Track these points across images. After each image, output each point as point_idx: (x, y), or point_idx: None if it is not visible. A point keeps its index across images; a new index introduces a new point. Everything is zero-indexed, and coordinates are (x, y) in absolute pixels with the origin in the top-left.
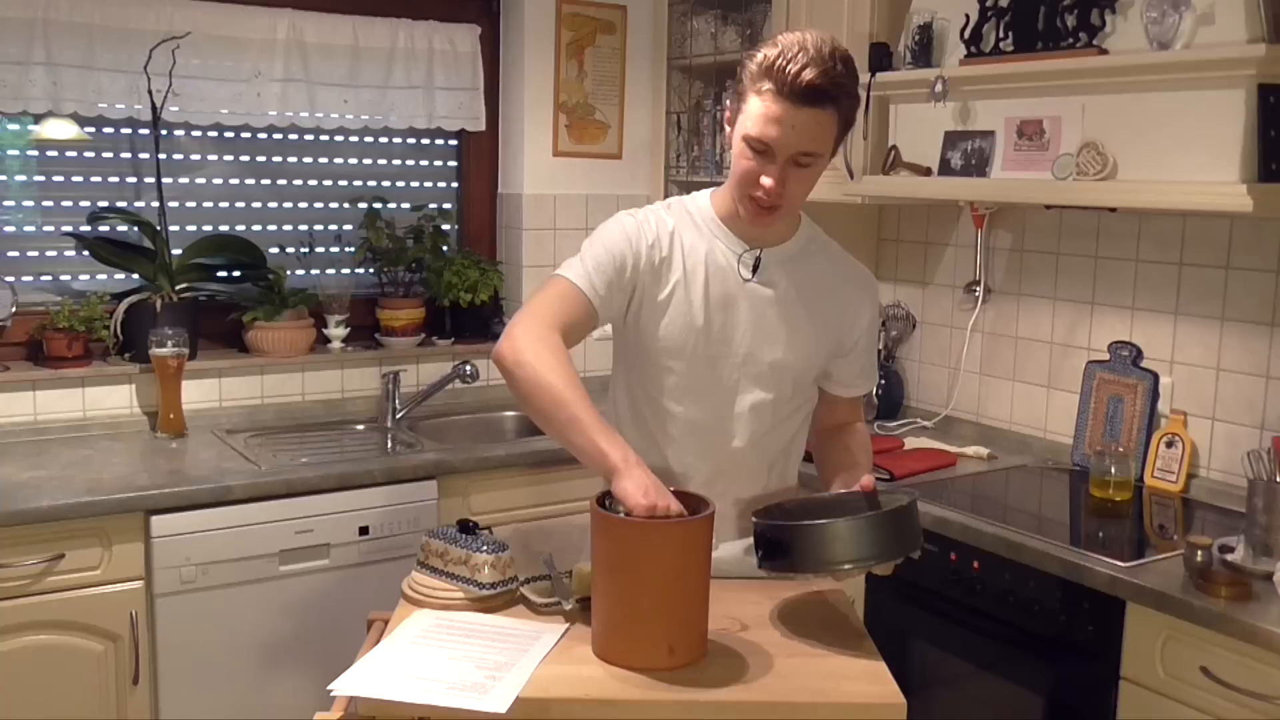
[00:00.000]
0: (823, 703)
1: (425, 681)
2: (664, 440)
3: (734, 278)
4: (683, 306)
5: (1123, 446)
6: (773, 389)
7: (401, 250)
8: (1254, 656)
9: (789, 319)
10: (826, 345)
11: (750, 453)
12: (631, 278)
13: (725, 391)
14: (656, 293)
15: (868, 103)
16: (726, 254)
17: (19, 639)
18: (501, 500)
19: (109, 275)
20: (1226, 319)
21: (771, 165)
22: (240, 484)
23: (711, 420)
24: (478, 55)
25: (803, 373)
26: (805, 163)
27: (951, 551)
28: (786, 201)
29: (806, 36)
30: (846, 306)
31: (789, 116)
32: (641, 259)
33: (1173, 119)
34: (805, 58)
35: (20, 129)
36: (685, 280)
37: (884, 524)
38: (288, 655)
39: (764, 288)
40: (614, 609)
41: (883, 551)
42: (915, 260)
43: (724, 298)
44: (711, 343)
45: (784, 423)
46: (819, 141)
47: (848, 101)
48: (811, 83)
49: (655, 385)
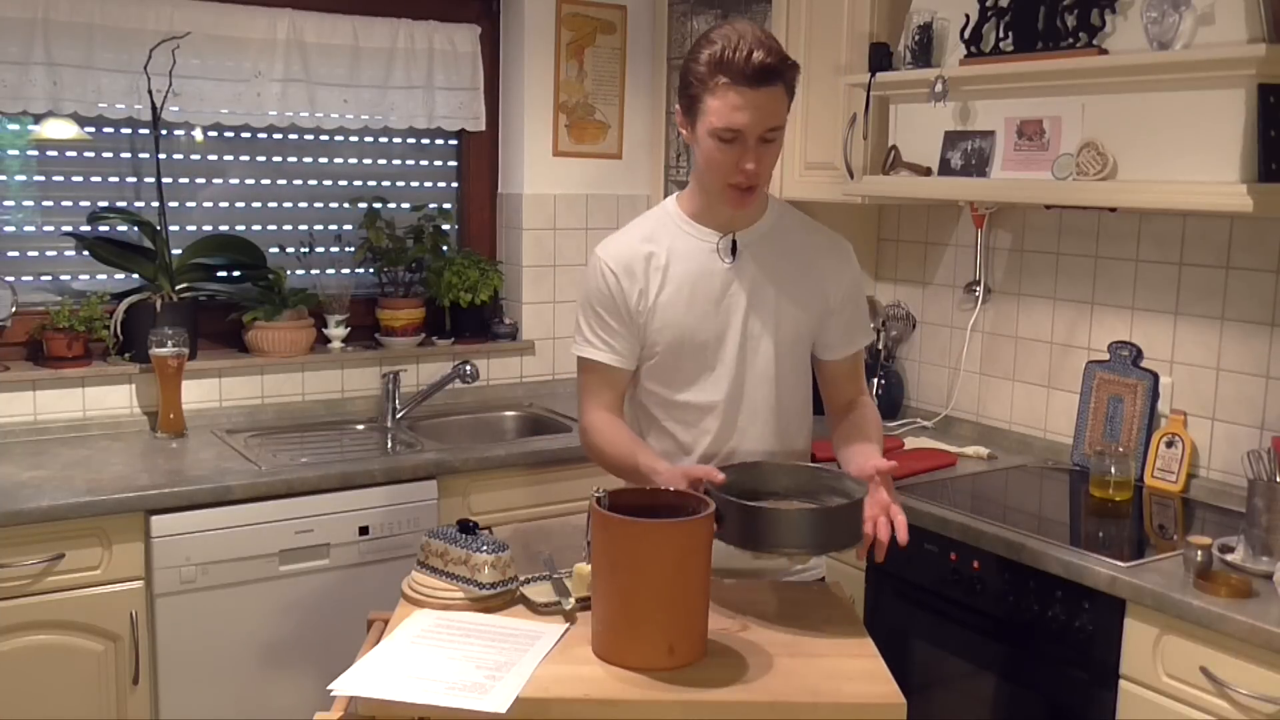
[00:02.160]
0: (823, 703)
1: (425, 681)
2: (682, 430)
3: (716, 266)
4: (675, 306)
5: (1123, 446)
6: (773, 361)
7: (401, 250)
8: (1254, 656)
9: (776, 292)
10: (814, 310)
11: (762, 425)
12: (621, 303)
13: (731, 372)
14: (647, 299)
15: (868, 103)
16: (705, 248)
17: (19, 639)
18: (501, 500)
19: (109, 275)
20: (1226, 319)
21: (746, 150)
22: (240, 484)
23: (723, 401)
24: (478, 55)
25: (798, 339)
26: (771, 138)
27: (951, 551)
28: (762, 179)
29: (737, 26)
30: (827, 271)
31: (750, 100)
32: (617, 285)
33: (1173, 119)
34: (747, 44)
35: (20, 129)
36: (671, 279)
37: (820, 520)
38: (288, 655)
39: (747, 268)
40: (614, 609)
41: (812, 545)
42: (915, 260)
43: (711, 288)
44: (709, 330)
45: (791, 391)
46: (779, 116)
47: (791, 72)
48: (763, 63)
49: (669, 378)
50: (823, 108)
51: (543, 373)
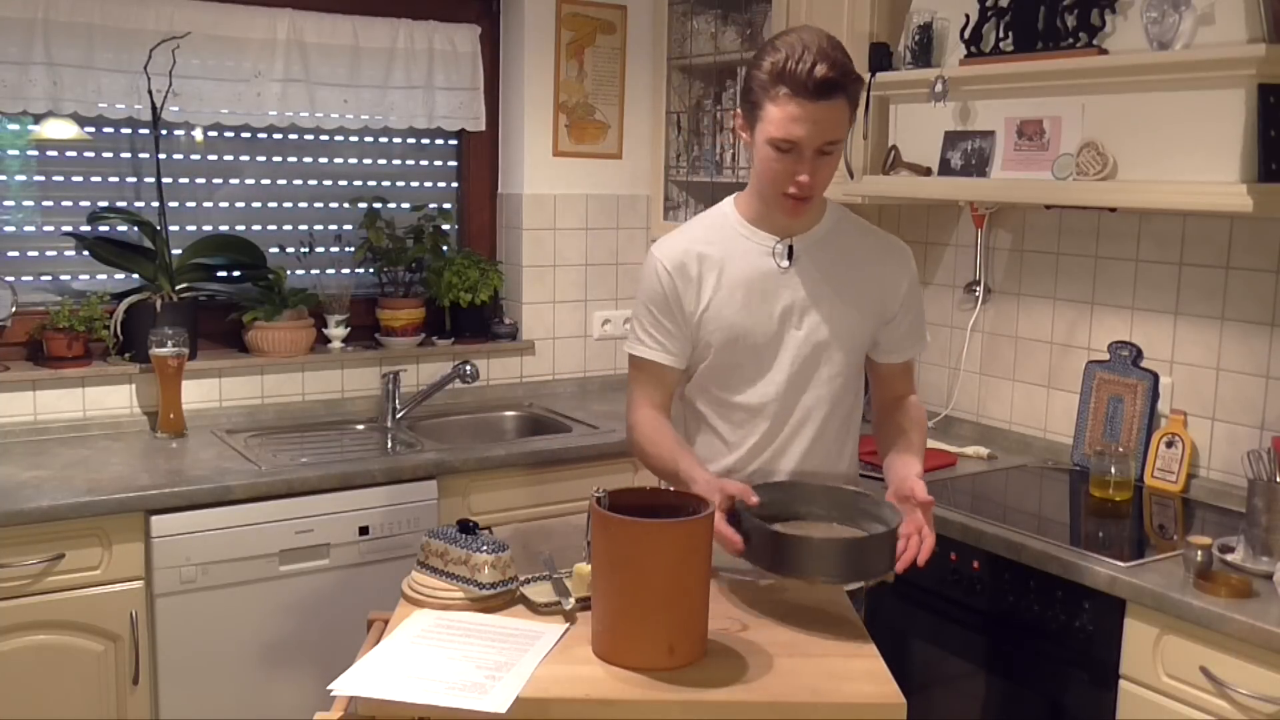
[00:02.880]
0: (823, 703)
1: (425, 681)
2: (729, 430)
3: (772, 270)
4: (732, 306)
5: (1123, 446)
6: (827, 365)
7: (401, 250)
8: (1254, 656)
9: (833, 296)
10: (871, 315)
11: (811, 431)
12: (675, 304)
13: (785, 375)
14: (702, 301)
15: (868, 103)
16: (760, 251)
17: (19, 639)
18: (501, 500)
19: (109, 275)
20: (1226, 319)
21: (801, 161)
22: (240, 484)
23: (774, 403)
24: (478, 55)
25: (854, 346)
26: (829, 150)
27: (951, 551)
28: (817, 190)
29: (804, 35)
30: (885, 276)
31: (809, 113)
32: (673, 285)
33: (1173, 119)
34: (811, 56)
35: (20, 129)
36: (726, 283)
37: (849, 550)
38: (288, 655)
39: (803, 272)
40: (614, 609)
41: (839, 575)
42: (915, 260)
43: (765, 291)
44: (763, 333)
45: (842, 396)
46: (839, 129)
47: (855, 86)
48: (825, 77)
49: (722, 381)
50: None
51: (543, 373)
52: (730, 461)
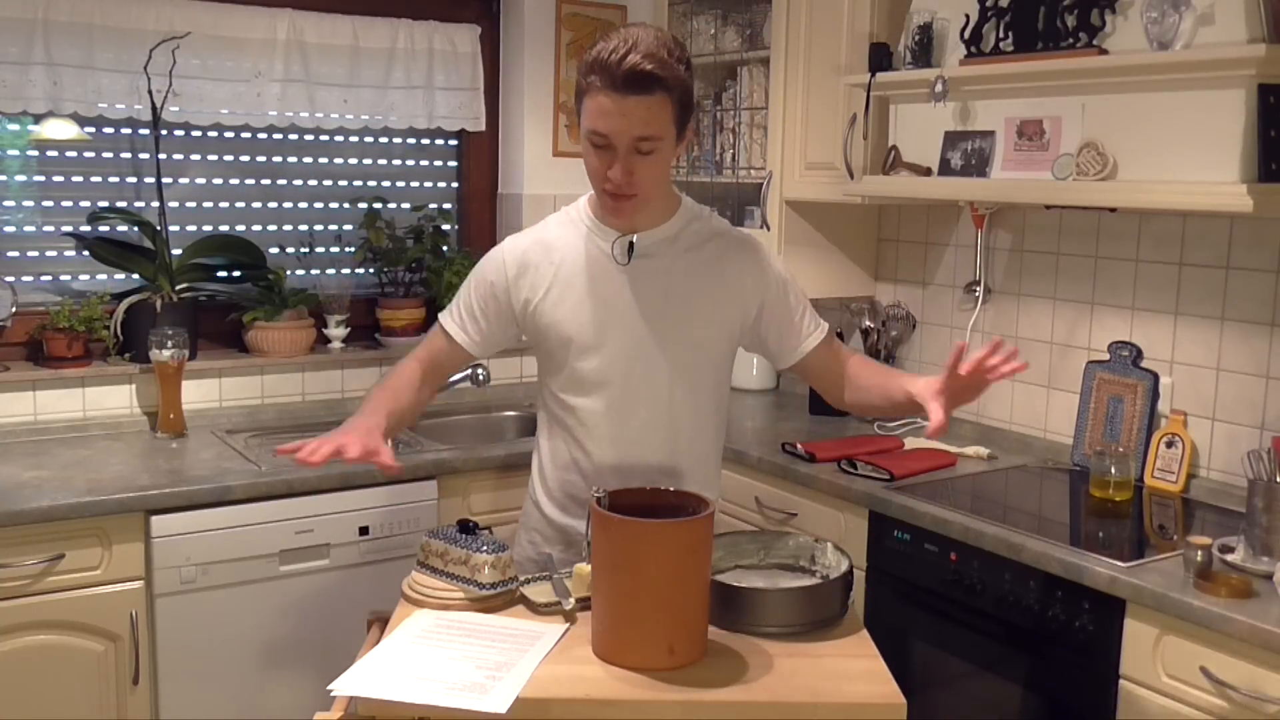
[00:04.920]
0: (823, 703)
1: (425, 681)
2: (579, 432)
3: (612, 266)
4: (565, 304)
5: (1123, 446)
6: (666, 370)
7: (401, 250)
8: (1254, 657)
9: (678, 298)
10: (728, 318)
11: (658, 436)
12: (503, 300)
13: (620, 378)
14: (534, 298)
15: (868, 103)
16: (601, 245)
17: (19, 639)
18: (501, 500)
19: (109, 275)
20: (1226, 319)
21: (614, 156)
22: (240, 484)
23: (609, 409)
24: (478, 55)
25: (700, 349)
26: (647, 149)
27: (951, 551)
28: (640, 190)
29: (634, 30)
30: (732, 274)
31: (619, 107)
32: (507, 281)
33: (1173, 119)
34: (627, 47)
35: (20, 129)
36: (561, 279)
37: (806, 597)
38: (288, 655)
39: (643, 272)
40: (614, 609)
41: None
42: (915, 260)
43: (605, 287)
44: (601, 331)
45: (689, 401)
46: (653, 125)
47: (676, 82)
48: (633, 68)
49: (561, 381)
50: (823, 108)
51: None
52: (584, 462)
